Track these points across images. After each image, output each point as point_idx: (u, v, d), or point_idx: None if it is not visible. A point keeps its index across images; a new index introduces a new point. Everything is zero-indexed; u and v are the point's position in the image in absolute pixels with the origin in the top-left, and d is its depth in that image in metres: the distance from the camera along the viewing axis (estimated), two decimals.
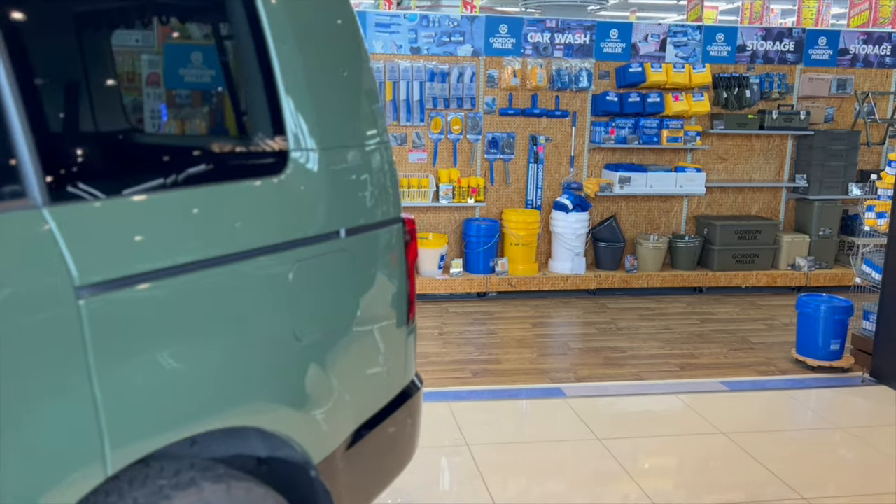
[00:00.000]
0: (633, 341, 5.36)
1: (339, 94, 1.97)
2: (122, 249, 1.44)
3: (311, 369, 1.84)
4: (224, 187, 1.66)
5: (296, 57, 1.82)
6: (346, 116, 1.98)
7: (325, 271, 1.87)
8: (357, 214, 1.98)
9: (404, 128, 6.41)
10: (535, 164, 6.66)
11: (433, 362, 4.80)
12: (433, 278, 6.26)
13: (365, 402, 2.05)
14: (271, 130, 1.79)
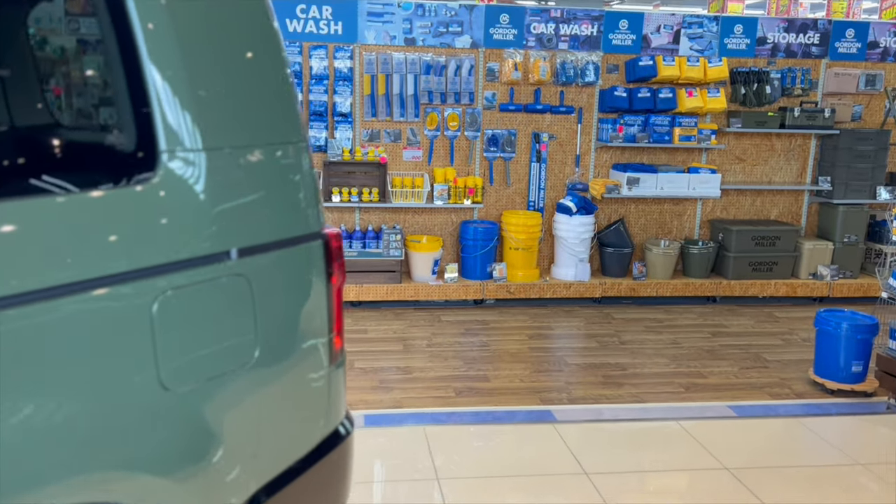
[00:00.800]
0: (637, 357, 4.94)
1: (236, 80, 1.60)
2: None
3: (187, 425, 1.48)
4: (55, 200, 1.30)
5: (166, 21, 1.45)
6: (246, 109, 1.62)
7: (207, 302, 1.51)
8: (256, 230, 1.61)
9: (398, 124, 6.04)
10: (538, 164, 6.26)
11: (415, 378, 4.43)
12: (426, 284, 5.89)
13: (268, 460, 1.69)
14: (131, 123, 1.43)
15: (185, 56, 1.47)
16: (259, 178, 1.63)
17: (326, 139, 5.86)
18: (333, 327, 1.84)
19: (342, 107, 5.86)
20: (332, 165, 5.81)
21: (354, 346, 4.95)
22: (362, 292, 5.78)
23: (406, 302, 5.94)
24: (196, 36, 1.51)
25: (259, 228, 1.62)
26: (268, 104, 1.66)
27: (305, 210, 1.73)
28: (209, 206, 1.52)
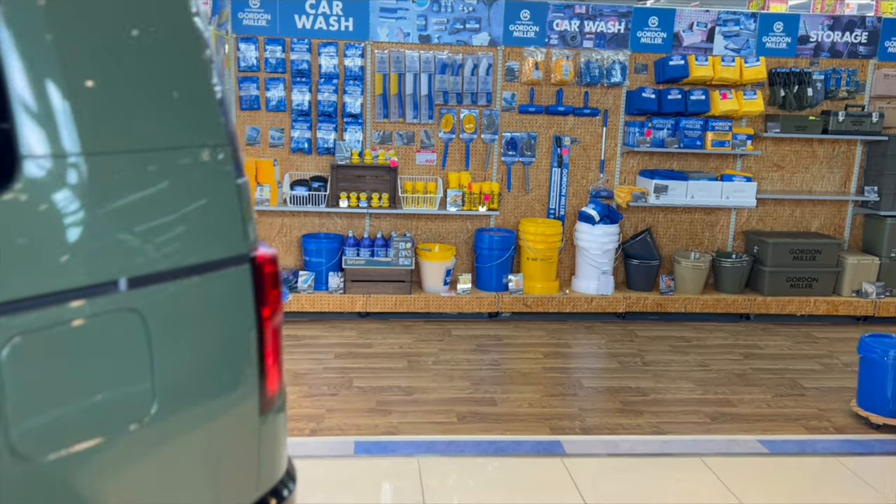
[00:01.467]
0: (660, 380, 4.55)
1: (132, 70, 1.29)
2: None
3: (51, 499, 1.18)
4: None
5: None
6: (145, 106, 1.31)
7: (82, 346, 1.20)
8: (155, 255, 1.31)
9: (411, 126, 5.73)
10: (559, 169, 5.89)
11: (416, 400, 4.10)
12: (438, 295, 5.56)
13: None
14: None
15: (57, 36, 1.17)
16: (161, 189, 1.32)
17: (335, 141, 5.58)
18: (265, 369, 1.53)
19: (352, 107, 5.57)
20: (340, 169, 5.51)
21: (356, 362, 4.65)
22: (370, 303, 5.48)
23: (416, 314, 5.62)
24: (74, 13, 1.21)
25: (159, 252, 1.31)
26: (175, 100, 1.35)
27: (226, 228, 1.42)
28: (89, 225, 1.21)
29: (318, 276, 5.51)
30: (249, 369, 1.48)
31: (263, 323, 1.51)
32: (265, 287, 1.51)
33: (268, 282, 1.52)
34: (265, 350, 1.52)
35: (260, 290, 1.49)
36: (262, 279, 1.50)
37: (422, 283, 5.68)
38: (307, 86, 5.54)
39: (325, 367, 4.54)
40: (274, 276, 1.55)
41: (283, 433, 1.68)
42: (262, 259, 1.50)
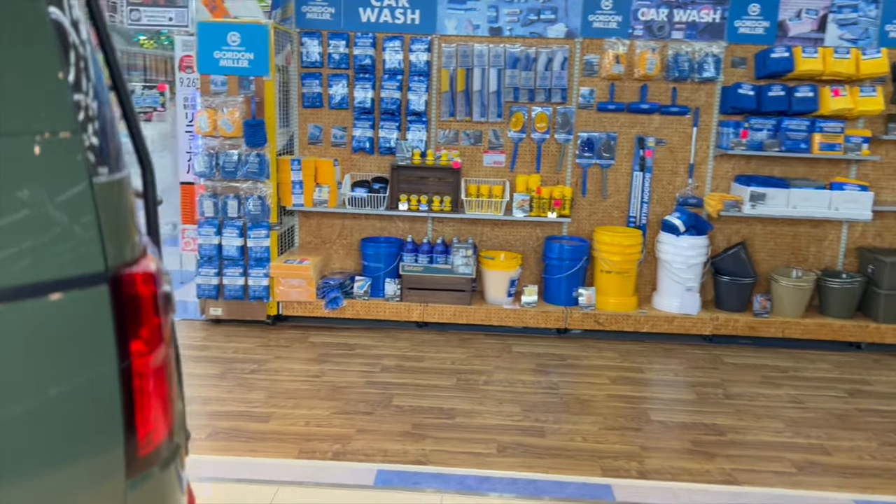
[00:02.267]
0: (742, 417, 3.96)
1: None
2: None
3: None
4: None
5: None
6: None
7: None
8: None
9: (478, 124, 5.35)
10: (641, 173, 5.34)
11: (456, 426, 3.72)
12: (500, 307, 5.16)
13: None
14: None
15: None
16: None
17: (397, 140, 5.28)
18: (135, 420, 1.20)
19: (416, 105, 5.25)
20: (400, 170, 5.21)
21: (402, 377, 4.32)
22: (427, 313, 5.15)
23: (476, 326, 5.23)
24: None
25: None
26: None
27: (70, 239, 1.11)
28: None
29: (374, 282, 5.24)
30: (111, 420, 1.17)
31: (133, 361, 1.19)
32: (139, 315, 1.20)
33: (143, 308, 1.21)
34: (137, 395, 1.20)
35: (127, 318, 1.17)
36: (133, 305, 1.18)
37: (484, 293, 5.29)
38: (370, 82, 5.27)
39: (368, 382, 4.24)
40: (154, 300, 1.23)
41: (177, 491, 1.36)
42: (133, 279, 1.18)
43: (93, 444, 1.15)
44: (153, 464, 1.26)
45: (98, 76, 1.26)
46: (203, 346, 4.78)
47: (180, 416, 1.41)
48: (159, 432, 1.29)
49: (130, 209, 1.27)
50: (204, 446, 3.40)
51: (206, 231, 5.03)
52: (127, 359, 1.18)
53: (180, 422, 1.41)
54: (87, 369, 1.13)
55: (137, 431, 1.21)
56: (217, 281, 5.08)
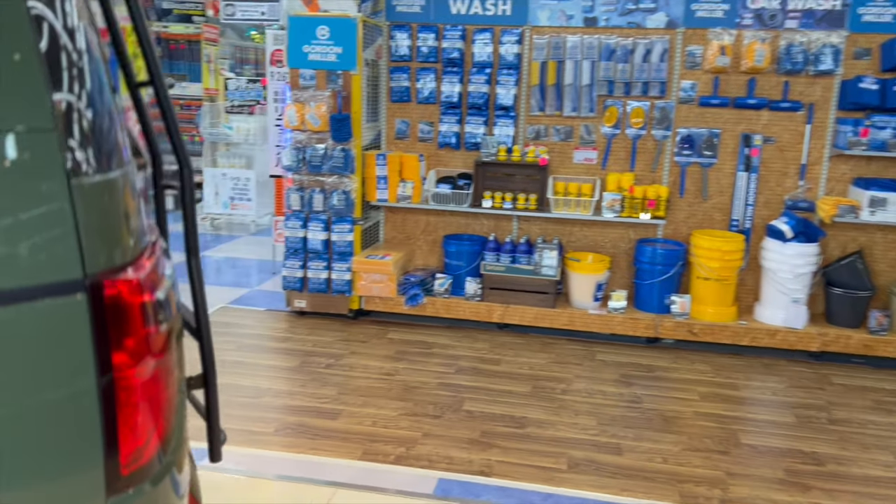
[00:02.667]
0: (847, 446, 3.58)
1: None
2: None
3: None
4: None
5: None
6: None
7: None
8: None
9: (569, 119, 5.12)
10: (747, 173, 4.95)
11: (526, 436, 3.55)
12: (585, 312, 4.92)
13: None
14: None
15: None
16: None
17: (483, 135, 5.13)
18: (117, 437, 1.13)
19: (504, 99, 5.09)
20: (485, 166, 5.07)
21: (476, 380, 4.19)
22: (508, 314, 4.98)
23: (559, 331, 5.02)
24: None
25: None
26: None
27: (41, 242, 1.04)
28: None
29: (456, 280, 5.12)
30: (84, 439, 1.10)
31: (115, 374, 1.12)
32: (123, 324, 1.12)
33: (129, 317, 1.13)
34: (121, 410, 1.13)
35: (108, 328, 1.10)
36: (116, 314, 1.11)
37: (569, 296, 5.07)
38: (458, 76, 5.15)
39: (441, 383, 4.14)
40: (143, 309, 1.16)
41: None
42: (116, 286, 1.11)
43: (66, 462, 1.09)
44: (141, 480, 1.20)
45: (97, 79, 1.19)
46: (285, 337, 4.82)
47: (179, 428, 1.35)
48: (150, 447, 1.22)
49: (125, 210, 1.20)
50: (269, 441, 3.40)
51: (292, 224, 5.07)
52: (108, 372, 1.11)
53: (179, 434, 1.34)
54: (62, 382, 1.07)
55: (121, 449, 1.14)
56: (302, 273, 5.12)
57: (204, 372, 1.93)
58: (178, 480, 1.35)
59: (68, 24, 1.13)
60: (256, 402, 3.80)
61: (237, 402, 3.78)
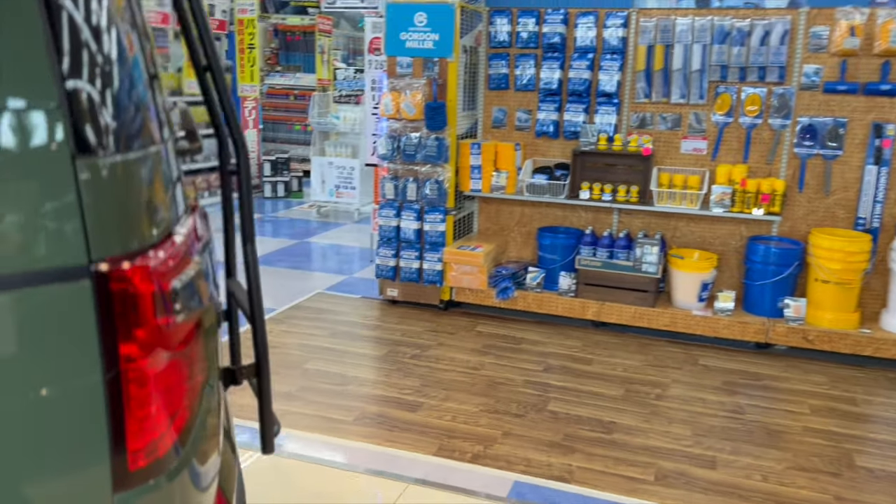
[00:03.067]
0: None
1: None
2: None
3: None
4: None
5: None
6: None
7: None
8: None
9: (677, 107, 4.81)
10: (877, 167, 4.48)
11: (613, 443, 3.36)
12: (689, 313, 4.62)
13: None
14: None
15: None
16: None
17: (583, 123, 4.91)
18: (125, 431, 1.09)
19: (607, 85, 4.85)
20: (583, 156, 4.85)
21: (564, 380, 4.02)
22: (604, 311, 4.76)
23: (658, 332, 4.74)
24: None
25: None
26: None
27: (41, 226, 1.00)
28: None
29: (549, 274, 4.95)
30: (87, 432, 1.05)
31: (122, 365, 1.07)
32: (133, 314, 1.07)
33: (140, 306, 1.08)
34: (130, 404, 1.09)
35: (115, 317, 1.05)
36: (124, 303, 1.06)
37: (671, 295, 4.78)
38: (558, 62, 4.95)
39: (527, 381, 4.00)
40: (154, 298, 1.10)
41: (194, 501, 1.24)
42: (124, 274, 1.06)
43: (67, 456, 1.05)
44: (154, 474, 1.15)
45: (122, 59, 1.15)
46: (375, 325, 4.83)
47: (204, 419, 1.29)
48: (166, 440, 1.17)
49: (146, 193, 1.16)
50: (347, 430, 3.38)
51: (385, 213, 5.07)
52: (115, 363, 1.07)
53: (203, 426, 1.29)
54: (63, 372, 1.03)
55: (128, 443, 1.10)
56: (394, 262, 5.11)
57: (257, 361, 1.90)
58: (200, 472, 1.31)
59: (92, 19, 1.08)
60: (340, 390, 3.81)
61: (321, 389, 3.80)
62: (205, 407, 1.32)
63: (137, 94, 1.21)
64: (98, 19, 1.10)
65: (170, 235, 1.22)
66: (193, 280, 1.25)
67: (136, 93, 1.20)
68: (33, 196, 0.99)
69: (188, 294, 1.22)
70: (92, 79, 1.06)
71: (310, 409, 3.57)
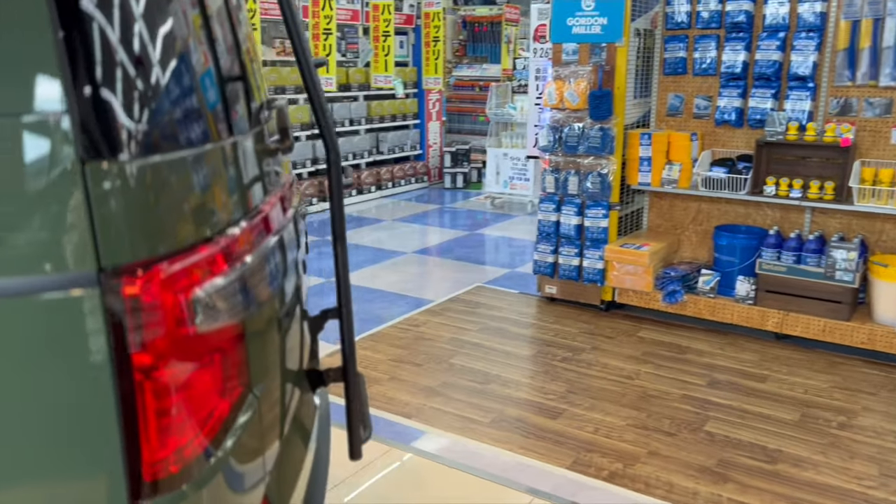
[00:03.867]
0: None
1: None
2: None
3: None
4: None
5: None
6: None
7: None
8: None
9: (887, 91, 4.13)
10: None
11: (775, 474, 2.94)
12: (891, 329, 3.97)
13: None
14: None
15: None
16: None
17: (771, 111, 4.38)
18: (139, 441, 1.06)
19: (801, 67, 4.27)
20: (769, 147, 4.32)
21: (730, 398, 3.61)
22: (787, 323, 4.23)
23: (853, 349, 4.12)
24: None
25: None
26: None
27: (47, 232, 0.99)
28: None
29: (725, 277, 4.48)
30: (97, 442, 1.03)
31: (134, 375, 1.04)
32: (150, 323, 1.04)
33: (154, 315, 1.04)
34: (142, 413, 1.05)
35: (128, 327, 1.02)
36: (135, 311, 1.03)
37: (871, 308, 4.13)
38: (743, 42, 4.45)
39: (685, 395, 3.64)
40: (170, 308, 1.06)
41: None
42: (136, 283, 1.02)
43: (78, 467, 1.04)
44: (178, 484, 1.12)
45: (165, 72, 1.13)
46: (529, 323, 4.68)
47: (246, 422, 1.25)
48: (190, 450, 1.13)
49: (177, 196, 1.12)
50: (482, 432, 3.28)
51: (545, 207, 4.89)
52: (129, 373, 1.04)
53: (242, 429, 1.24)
54: (72, 382, 1.02)
55: (143, 454, 1.07)
56: (553, 259, 4.92)
57: (343, 365, 1.85)
58: (242, 473, 1.27)
59: (118, 25, 1.06)
60: (481, 389, 3.72)
61: (463, 386, 3.74)
62: (245, 410, 1.27)
63: (181, 97, 1.18)
64: (123, 23, 1.07)
65: (208, 240, 1.18)
66: (231, 286, 1.20)
67: (177, 95, 1.17)
68: (42, 201, 0.99)
69: (224, 300, 1.18)
70: (110, 84, 1.04)
71: (449, 407, 3.51)
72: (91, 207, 1.00)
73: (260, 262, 1.33)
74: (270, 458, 1.40)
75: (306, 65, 1.68)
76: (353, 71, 8.65)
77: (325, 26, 7.56)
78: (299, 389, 1.70)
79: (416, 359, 4.07)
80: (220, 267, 1.18)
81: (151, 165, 1.08)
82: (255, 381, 1.32)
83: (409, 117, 9.54)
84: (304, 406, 1.77)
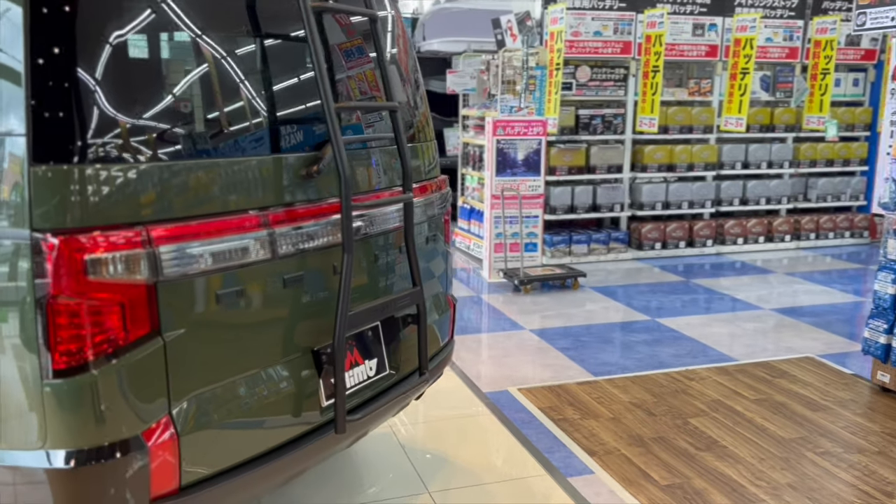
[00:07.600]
0: None
1: None
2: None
3: None
4: None
5: None
6: None
7: None
8: None
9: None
10: None
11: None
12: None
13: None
14: None
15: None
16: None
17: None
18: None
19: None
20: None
21: None
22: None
23: None
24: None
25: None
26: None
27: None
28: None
29: None
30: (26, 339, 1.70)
31: (48, 301, 1.65)
32: (58, 267, 1.64)
33: (61, 263, 1.63)
34: (53, 321, 1.65)
35: (47, 267, 1.65)
36: (55, 259, 1.63)
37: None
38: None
39: None
40: (71, 260, 1.63)
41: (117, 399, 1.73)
42: (50, 240, 1.64)
43: (13, 357, 1.73)
44: (78, 373, 1.69)
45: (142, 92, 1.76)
46: (826, 406, 3.91)
47: None
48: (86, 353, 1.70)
49: (118, 193, 1.72)
50: (650, 494, 3.05)
51: (883, 276, 4.00)
52: (44, 300, 1.67)
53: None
54: (15, 298, 1.70)
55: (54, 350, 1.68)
56: (886, 340, 4.00)
57: (333, 352, 2.18)
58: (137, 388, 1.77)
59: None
60: (693, 454, 3.38)
61: (675, 446, 3.45)
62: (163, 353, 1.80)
63: (152, 109, 1.78)
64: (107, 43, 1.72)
65: (133, 225, 1.75)
66: (131, 256, 1.73)
67: (147, 108, 1.78)
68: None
69: (115, 264, 1.71)
70: (66, 99, 1.68)
71: (640, 460, 3.33)
72: (31, 192, 1.66)
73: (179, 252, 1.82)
74: (183, 391, 1.86)
75: (325, 99, 2.08)
76: (780, 111, 8.02)
77: (744, 65, 7.26)
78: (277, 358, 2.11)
79: (655, 409, 3.88)
80: (129, 246, 1.73)
81: (99, 169, 1.70)
82: (166, 328, 1.81)
83: (853, 163, 8.37)
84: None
